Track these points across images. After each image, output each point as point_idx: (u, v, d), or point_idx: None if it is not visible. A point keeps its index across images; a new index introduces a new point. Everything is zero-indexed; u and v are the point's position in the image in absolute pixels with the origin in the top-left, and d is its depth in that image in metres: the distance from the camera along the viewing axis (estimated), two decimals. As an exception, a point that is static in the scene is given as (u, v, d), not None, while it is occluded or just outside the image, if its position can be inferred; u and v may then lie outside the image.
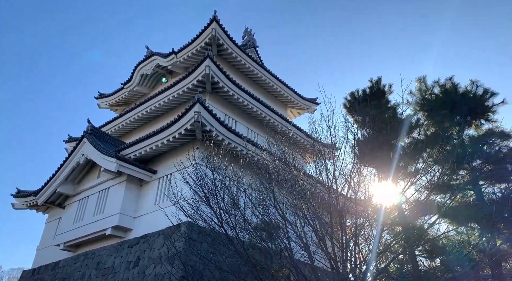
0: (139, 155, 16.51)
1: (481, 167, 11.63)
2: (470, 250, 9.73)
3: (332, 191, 9.80)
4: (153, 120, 21.39)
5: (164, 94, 19.87)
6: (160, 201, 15.43)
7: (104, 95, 26.38)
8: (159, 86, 24.13)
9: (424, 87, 12.10)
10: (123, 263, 14.81)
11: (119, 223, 15.37)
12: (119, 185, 16.54)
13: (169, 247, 12.31)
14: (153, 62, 23.80)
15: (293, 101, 25.69)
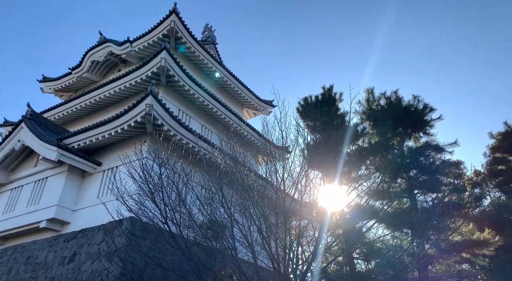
0: (83, 145, 15.65)
1: (416, 176, 12.52)
2: (401, 254, 10.43)
3: (279, 192, 10.01)
4: (101, 110, 20.38)
5: (116, 83, 19.02)
6: (103, 195, 14.75)
7: (48, 79, 24.65)
8: (111, 75, 23.06)
9: (371, 98, 12.81)
10: (57, 258, 13.95)
11: (56, 216, 14.45)
12: (59, 175, 15.55)
13: (109, 243, 11.81)
14: (105, 49, 22.68)
15: (250, 101, 25.84)
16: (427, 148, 12.70)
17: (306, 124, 12.41)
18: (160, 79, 18.29)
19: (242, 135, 19.05)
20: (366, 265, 12.30)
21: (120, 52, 21.92)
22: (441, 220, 11.09)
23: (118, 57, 22.83)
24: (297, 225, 10.19)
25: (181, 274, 9.58)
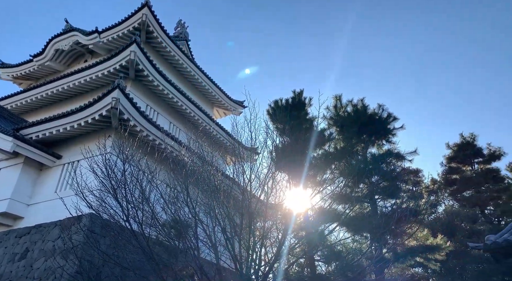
0: (42, 137, 14.89)
1: (378, 182, 13.00)
2: (360, 257, 10.77)
3: (246, 193, 10.03)
4: (63, 101, 19.50)
5: (81, 74, 18.27)
6: (61, 189, 14.10)
7: (7, 65, 23.23)
8: (76, 66, 22.12)
9: (339, 104, 13.17)
10: (7, 254, 13.17)
11: (8, 210, 13.64)
12: (14, 167, 14.69)
13: (66, 240, 11.31)
14: (71, 38, 21.72)
15: (221, 101, 25.70)
16: (389, 155, 13.23)
17: (276, 127, 12.54)
18: (129, 73, 17.79)
19: (211, 135, 18.91)
20: (326, 268, 12.59)
21: (87, 42, 21.09)
22: (399, 225, 11.56)
23: (85, 48, 21.96)
24: (261, 226, 10.25)
25: (141, 273, 9.34)
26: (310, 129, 12.29)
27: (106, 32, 20.74)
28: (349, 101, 13.33)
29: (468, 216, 18.55)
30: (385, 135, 13.60)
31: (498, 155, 24.55)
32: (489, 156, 24.68)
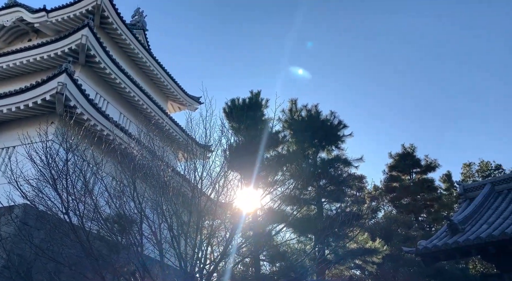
0: (-27, 118, 13.52)
1: (325, 186, 13.48)
2: (304, 258, 11.07)
3: (196, 191, 9.86)
4: (1, 82, 17.87)
5: (24, 54, 16.86)
6: (-8, 177, 12.87)
7: None
8: (19, 44, 20.36)
9: (294, 108, 13.46)
10: None
11: None
12: None
13: (-7, 232, 10.34)
14: (15, 13, 19.96)
15: (176, 95, 25.06)
16: (337, 161, 13.78)
17: (231, 125, 12.52)
18: (79, 58, 16.73)
19: (164, 129, 18.39)
20: (271, 267, 12.78)
21: (33, 20, 19.50)
22: (342, 228, 12.07)
23: (30, 26, 20.28)
24: (209, 224, 10.14)
25: (77, 269, 8.79)
26: (265, 130, 12.43)
27: (56, 12, 19.33)
28: (304, 106, 13.71)
29: (404, 222, 19.85)
30: (335, 141, 14.15)
31: (433, 166, 26.57)
32: (426, 167, 26.63)
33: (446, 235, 11.82)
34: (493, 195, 13.89)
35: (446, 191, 27.57)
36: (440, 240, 11.66)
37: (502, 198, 13.23)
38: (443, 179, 28.62)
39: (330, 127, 14.02)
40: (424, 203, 24.69)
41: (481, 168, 29.21)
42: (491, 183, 14.41)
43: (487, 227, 10.97)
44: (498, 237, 9.82)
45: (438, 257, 11.54)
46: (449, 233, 11.74)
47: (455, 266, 17.04)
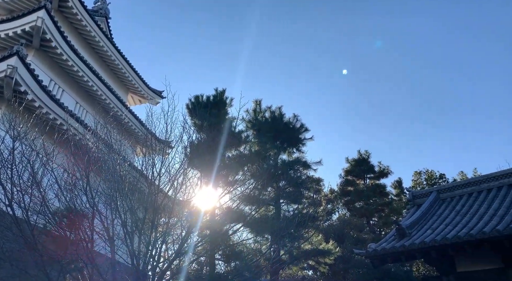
0: None
1: (284, 187, 13.68)
2: (259, 258, 11.15)
3: (153, 187, 9.59)
4: None
5: (-30, 32, 15.53)
6: None
7: None
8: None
9: (258, 109, 13.54)
10: None
11: None
12: None
13: None
14: (-37, -14, 18.34)
15: (137, 87, 24.25)
16: (297, 163, 14.04)
17: (194, 122, 12.32)
18: (32, 41, 15.70)
19: (123, 122, 17.74)
20: (225, 267, 12.74)
21: (-16, -4, 18.03)
22: (298, 229, 12.31)
23: (-21, 2, 18.73)
24: (165, 222, 9.91)
25: (19, 265, 8.22)
26: (228, 129, 12.37)
27: (10, -11, 18.00)
28: (268, 108, 13.83)
29: (357, 225, 20.63)
30: (297, 144, 14.41)
31: (386, 172, 27.87)
32: (379, 173, 27.85)
33: (394, 238, 12.43)
34: (438, 202, 14.82)
35: (397, 197, 29.01)
36: (388, 243, 12.24)
37: (446, 205, 14.15)
38: (395, 185, 30.08)
39: (292, 130, 14.25)
40: (376, 207, 25.81)
41: (428, 177, 31.08)
42: (436, 191, 15.37)
43: (431, 232, 11.66)
44: (439, 242, 10.47)
45: (386, 259, 12.11)
46: (397, 237, 12.36)
47: (400, 268, 17.97)
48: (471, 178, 15.07)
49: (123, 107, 19.82)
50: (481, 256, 11.08)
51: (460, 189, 14.59)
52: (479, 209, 12.34)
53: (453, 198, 14.49)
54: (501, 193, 12.85)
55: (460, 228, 11.04)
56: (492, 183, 13.71)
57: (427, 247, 10.78)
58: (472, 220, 11.52)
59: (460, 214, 12.67)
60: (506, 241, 9.58)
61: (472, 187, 14.27)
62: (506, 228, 9.50)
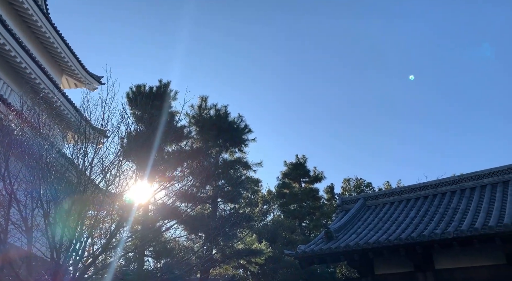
0: None
1: (223, 186, 13.69)
2: (191, 256, 11.03)
3: (83, 177, 9.00)
4: None
5: None
6: None
7: None
8: None
9: (204, 105, 13.38)
10: None
11: None
12: None
13: None
14: None
15: (74, 70, 22.54)
16: (238, 163, 14.15)
17: (134, 113, 11.79)
18: (-47, 2, 13.87)
19: (54, 105, 16.39)
20: (155, 263, 12.40)
21: None
22: (233, 228, 12.40)
23: None
24: (94, 215, 9.36)
25: None
26: (170, 123, 12.05)
27: None
28: (214, 105, 13.73)
29: (289, 227, 21.33)
30: (239, 144, 14.51)
31: (320, 177, 29.26)
32: (314, 178, 29.15)
33: (323, 241, 13.09)
34: (364, 208, 15.91)
35: (328, 201, 30.57)
36: (317, 245, 12.86)
37: (371, 212, 15.25)
38: (327, 190, 31.68)
39: (236, 130, 14.32)
40: (308, 210, 26.94)
41: (357, 184, 33.22)
42: (363, 198, 16.49)
43: (355, 237, 12.48)
44: (362, 246, 11.26)
45: (313, 260, 12.71)
46: (325, 240, 13.03)
47: (326, 269, 18.95)
48: (394, 188, 16.39)
49: (55, 89, 18.30)
50: (396, 261, 12.11)
51: (384, 198, 15.82)
52: (399, 217, 13.48)
53: (377, 206, 15.66)
54: (417, 204, 14.18)
55: (381, 234, 11.95)
56: (411, 194, 15.06)
57: (350, 250, 11.51)
58: (391, 227, 12.54)
59: (382, 220, 13.72)
60: (418, 247, 10.57)
61: (394, 197, 15.54)
62: (419, 235, 10.48)
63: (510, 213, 10.09)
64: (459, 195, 13.52)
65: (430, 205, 13.63)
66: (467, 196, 13.13)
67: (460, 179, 14.06)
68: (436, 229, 10.61)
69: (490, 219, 10.08)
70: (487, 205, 11.57)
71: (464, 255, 11.02)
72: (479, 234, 9.56)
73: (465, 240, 9.89)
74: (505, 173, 13.12)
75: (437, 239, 10.13)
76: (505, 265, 10.44)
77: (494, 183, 13.13)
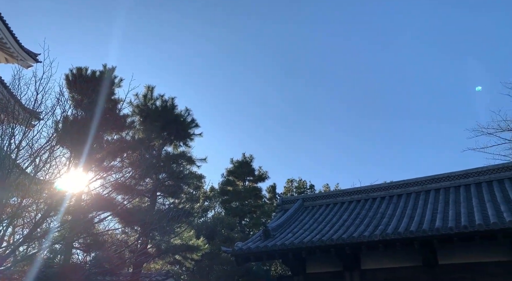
0: None
1: (164, 180, 13.38)
2: (124, 249, 10.64)
3: (7, 161, 8.29)
4: None
5: None
6: None
7: None
8: None
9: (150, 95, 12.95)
10: None
11: None
12: None
13: None
14: None
15: (5, 43, 20.46)
16: (182, 157, 13.91)
17: (72, 96, 11.07)
18: None
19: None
20: (84, 256, 11.79)
21: None
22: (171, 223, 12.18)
23: None
24: (17, 202, 8.67)
25: None
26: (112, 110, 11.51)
27: None
28: (161, 96, 13.34)
29: (229, 224, 21.44)
30: (185, 138, 14.27)
31: (264, 177, 29.76)
32: (258, 177, 29.58)
33: (260, 239, 13.35)
34: (301, 209, 16.49)
35: (270, 201, 31.19)
36: (254, 243, 13.08)
37: (307, 212, 15.85)
38: (269, 189, 32.31)
39: (182, 123, 14.06)
40: (249, 209, 27.27)
41: (299, 185, 34.32)
42: (302, 199, 17.10)
43: (291, 236, 12.90)
44: (296, 245, 11.67)
45: (249, 258, 12.91)
46: (263, 238, 13.31)
47: (261, 267, 19.35)
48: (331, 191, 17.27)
49: (-16, 62, 16.59)
50: (327, 260, 12.72)
51: (321, 200, 16.53)
52: (332, 218, 14.17)
53: (314, 207, 16.32)
54: (350, 207, 15.01)
55: (315, 234, 12.47)
56: (345, 198, 15.91)
57: (285, 248, 11.88)
58: (325, 228, 13.14)
59: (317, 221, 14.33)
60: (348, 248, 11.21)
61: (330, 199, 16.31)
62: (349, 237, 11.11)
63: (428, 219, 11.07)
64: (387, 200, 14.54)
65: (361, 208, 14.49)
66: (394, 202, 14.17)
67: (389, 186, 15.15)
68: (365, 232, 11.30)
69: (412, 224, 10.98)
70: (410, 211, 12.58)
71: (387, 256, 11.88)
72: (401, 238, 10.36)
73: (389, 243, 10.65)
74: (427, 183, 14.38)
75: (365, 241, 10.80)
76: (421, 267, 11.42)
77: (418, 191, 14.33)
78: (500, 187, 12.63)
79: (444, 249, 11.06)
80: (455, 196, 12.91)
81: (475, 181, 13.58)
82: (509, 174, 13.11)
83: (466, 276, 10.73)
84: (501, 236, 9.47)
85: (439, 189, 14.00)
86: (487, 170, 13.65)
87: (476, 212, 10.76)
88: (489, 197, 11.79)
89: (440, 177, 14.30)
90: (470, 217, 10.50)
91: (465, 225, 9.74)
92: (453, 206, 11.85)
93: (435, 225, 10.30)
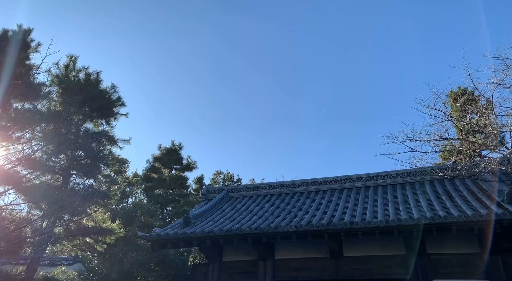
0: None
1: (81, 158, 12.51)
2: (23, 226, 9.74)
3: None
4: None
5: None
6: None
7: None
8: None
9: (72, 66, 11.98)
10: None
11: None
12: None
13: None
14: None
15: None
16: (103, 136, 13.10)
17: (-23, 54, 9.78)
18: None
19: None
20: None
21: None
22: (84, 204, 11.44)
23: None
24: None
25: None
26: (25, 76, 10.40)
27: None
28: (84, 68, 12.39)
29: (149, 211, 20.79)
30: (108, 116, 13.46)
31: (192, 167, 29.45)
32: (186, 166, 29.17)
33: (180, 226, 13.23)
34: (225, 199, 16.70)
35: (196, 191, 30.96)
36: (173, 229, 12.92)
37: (231, 203, 16.10)
38: (196, 180, 32.07)
39: (107, 100, 13.23)
40: (173, 197, 26.78)
41: (226, 178, 34.59)
42: (227, 190, 17.31)
43: (212, 224, 13.00)
44: (215, 233, 11.80)
45: (166, 244, 12.72)
46: (182, 225, 13.20)
47: (179, 256, 19.14)
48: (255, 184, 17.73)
49: None
50: (244, 249, 13.08)
51: (245, 191, 16.92)
52: (254, 209, 14.59)
53: (238, 198, 16.63)
54: (272, 199, 15.60)
55: (235, 223, 12.73)
56: (268, 191, 16.49)
57: (204, 236, 11.94)
58: (246, 218, 13.48)
59: (239, 211, 14.63)
60: (264, 238, 11.64)
61: (254, 191, 16.77)
62: (266, 227, 11.55)
63: (339, 215, 11.97)
64: (306, 195, 15.39)
65: (282, 201, 15.14)
66: (312, 197, 15.06)
67: (308, 183, 16.05)
68: (282, 223, 11.84)
69: (324, 218, 11.77)
70: (325, 206, 13.47)
71: (299, 247, 12.60)
72: (313, 230, 11.06)
73: (302, 234, 11.29)
74: (342, 182, 15.55)
75: (281, 231, 11.31)
76: (328, 258, 12.32)
77: (334, 189, 15.42)
78: (402, 189, 14.15)
79: (350, 242, 12.09)
80: (365, 195, 14.15)
81: (382, 183, 15.02)
82: (409, 179, 14.76)
83: (364, 267, 11.85)
84: (397, 232, 10.61)
85: (351, 188, 15.22)
86: (392, 174, 15.19)
87: (380, 210, 11.92)
88: (392, 198, 13.13)
89: (353, 177, 15.55)
90: (374, 214, 11.60)
91: (369, 221, 10.73)
92: (362, 204, 12.97)
93: (344, 220, 11.19)
